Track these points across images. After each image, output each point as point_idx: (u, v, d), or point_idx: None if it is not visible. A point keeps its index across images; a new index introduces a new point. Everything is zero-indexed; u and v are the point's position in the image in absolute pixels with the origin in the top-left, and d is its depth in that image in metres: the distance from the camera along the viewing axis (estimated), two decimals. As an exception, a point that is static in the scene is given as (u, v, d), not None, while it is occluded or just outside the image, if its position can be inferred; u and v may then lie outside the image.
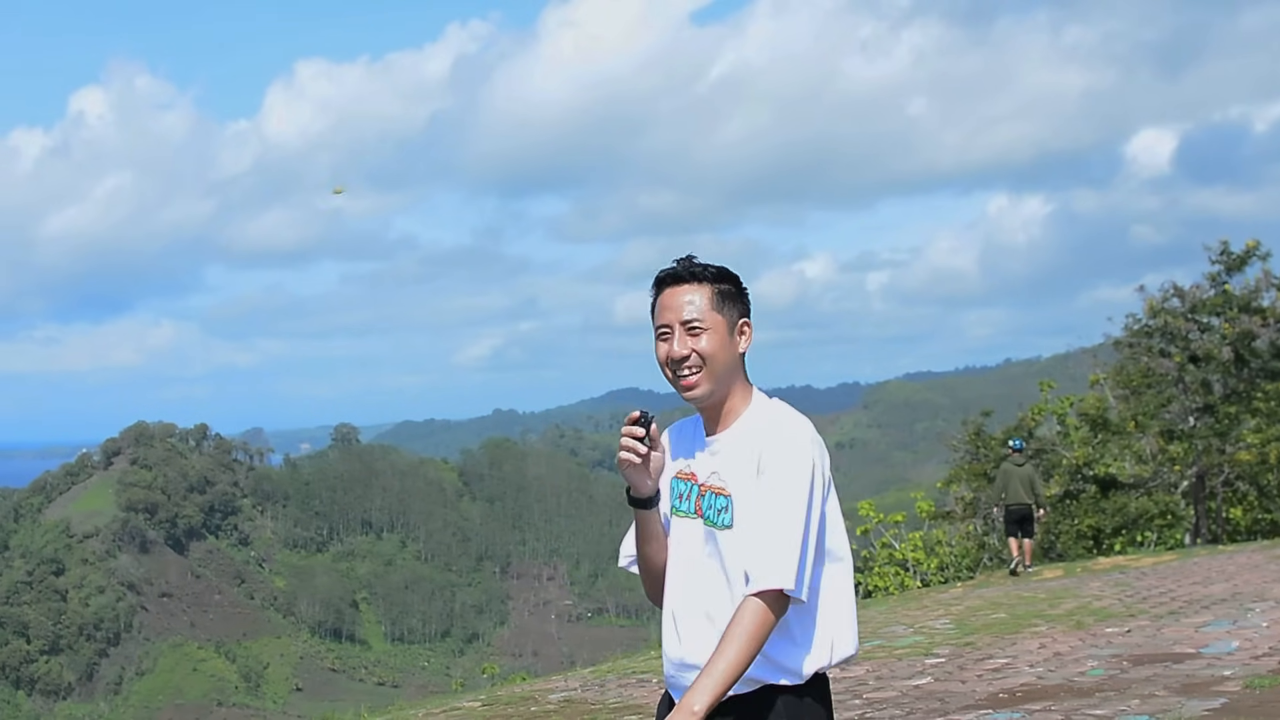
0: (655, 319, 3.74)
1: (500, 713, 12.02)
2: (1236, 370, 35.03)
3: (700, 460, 3.73)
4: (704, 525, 3.64)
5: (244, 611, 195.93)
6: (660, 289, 3.74)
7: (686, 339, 3.64)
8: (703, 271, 3.69)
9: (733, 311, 3.69)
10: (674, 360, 3.67)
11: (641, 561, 3.86)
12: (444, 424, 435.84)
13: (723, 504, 3.61)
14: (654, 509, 3.76)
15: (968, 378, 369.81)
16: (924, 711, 9.93)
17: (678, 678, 3.66)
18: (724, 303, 3.68)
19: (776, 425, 3.61)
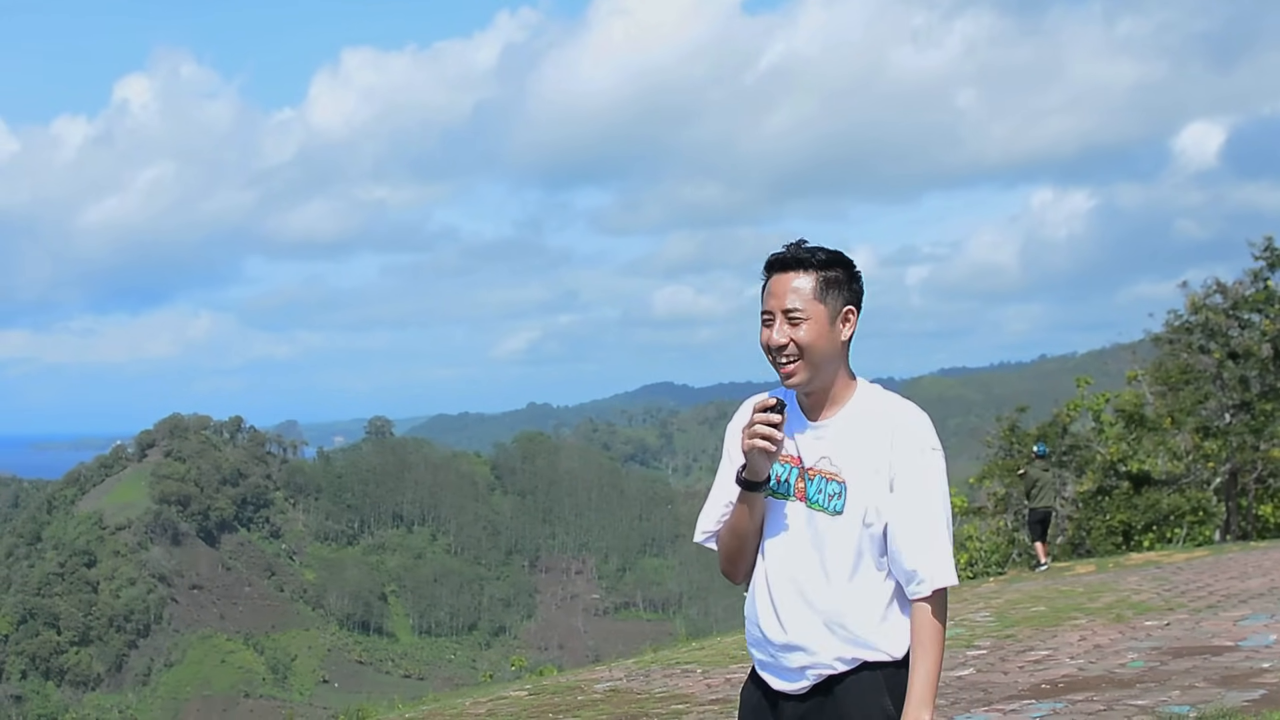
0: (762, 303, 3.74)
1: (547, 702, 12.18)
2: (1275, 367, 34.93)
3: (804, 444, 3.76)
4: (807, 509, 3.72)
5: (273, 604, 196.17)
6: (770, 274, 3.74)
7: (786, 327, 3.66)
8: (810, 258, 3.70)
9: (837, 300, 3.70)
10: (773, 348, 3.69)
11: (734, 541, 3.85)
12: (478, 417, 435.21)
13: (835, 489, 3.68)
14: (763, 492, 3.76)
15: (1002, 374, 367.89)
16: (968, 702, 10.08)
17: (779, 659, 3.76)
18: (828, 291, 3.69)
19: (901, 415, 3.71)
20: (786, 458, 3.76)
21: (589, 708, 11.53)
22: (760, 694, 3.86)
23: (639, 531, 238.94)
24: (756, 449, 3.62)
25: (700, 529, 3.96)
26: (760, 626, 3.80)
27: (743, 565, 3.88)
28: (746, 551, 3.85)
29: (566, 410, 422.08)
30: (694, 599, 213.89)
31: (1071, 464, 38.29)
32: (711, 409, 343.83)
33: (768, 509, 3.79)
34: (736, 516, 3.80)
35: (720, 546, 3.91)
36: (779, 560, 3.76)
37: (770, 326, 3.69)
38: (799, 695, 3.74)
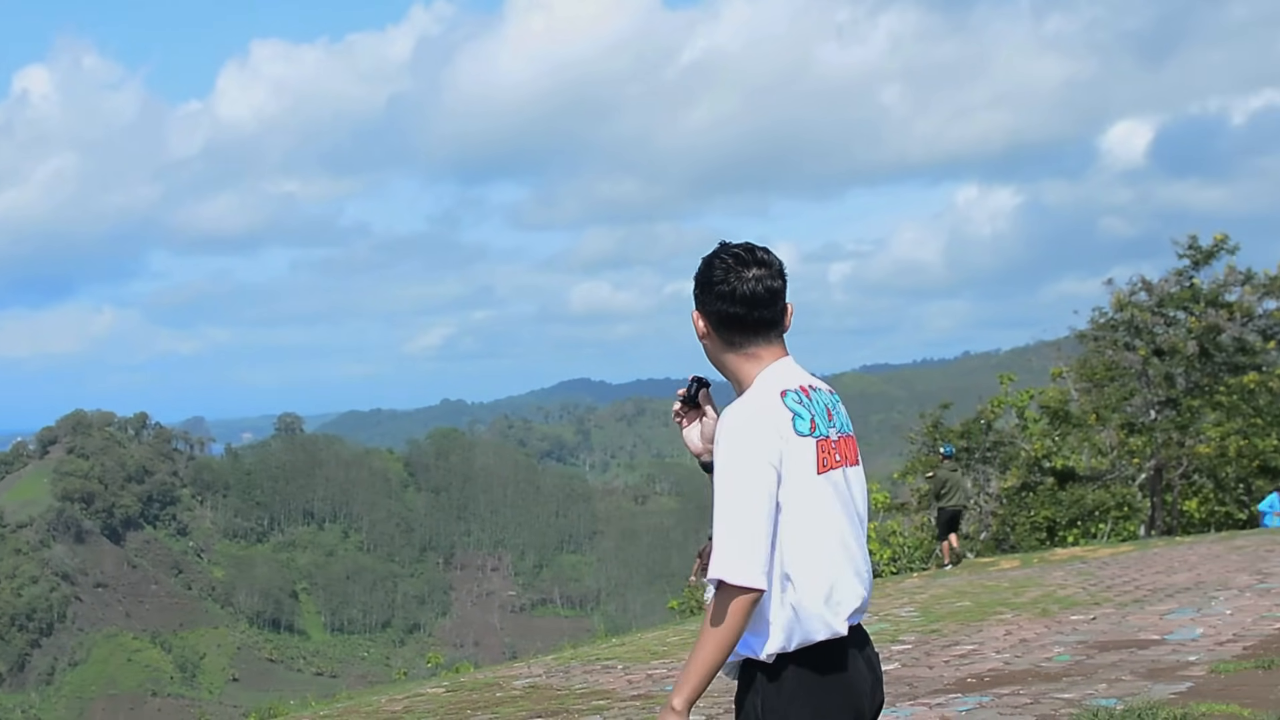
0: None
1: (465, 699, 11.97)
2: (1200, 364, 35.24)
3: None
4: None
5: (181, 602, 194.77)
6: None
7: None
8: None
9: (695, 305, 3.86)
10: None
11: None
12: (390, 414, 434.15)
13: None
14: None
15: (925, 370, 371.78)
16: (893, 696, 9.96)
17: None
18: (695, 299, 3.85)
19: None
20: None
21: (508, 704, 11.33)
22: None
23: (556, 528, 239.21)
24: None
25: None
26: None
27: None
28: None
29: (481, 407, 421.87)
30: (612, 595, 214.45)
31: (995, 460, 38.47)
32: (629, 405, 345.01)
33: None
34: None
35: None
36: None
37: None
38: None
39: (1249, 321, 35.40)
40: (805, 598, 3.61)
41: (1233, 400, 35.28)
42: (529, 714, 10.70)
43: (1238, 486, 36.35)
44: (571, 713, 10.55)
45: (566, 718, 10.35)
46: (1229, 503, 36.39)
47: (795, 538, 3.60)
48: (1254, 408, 35.25)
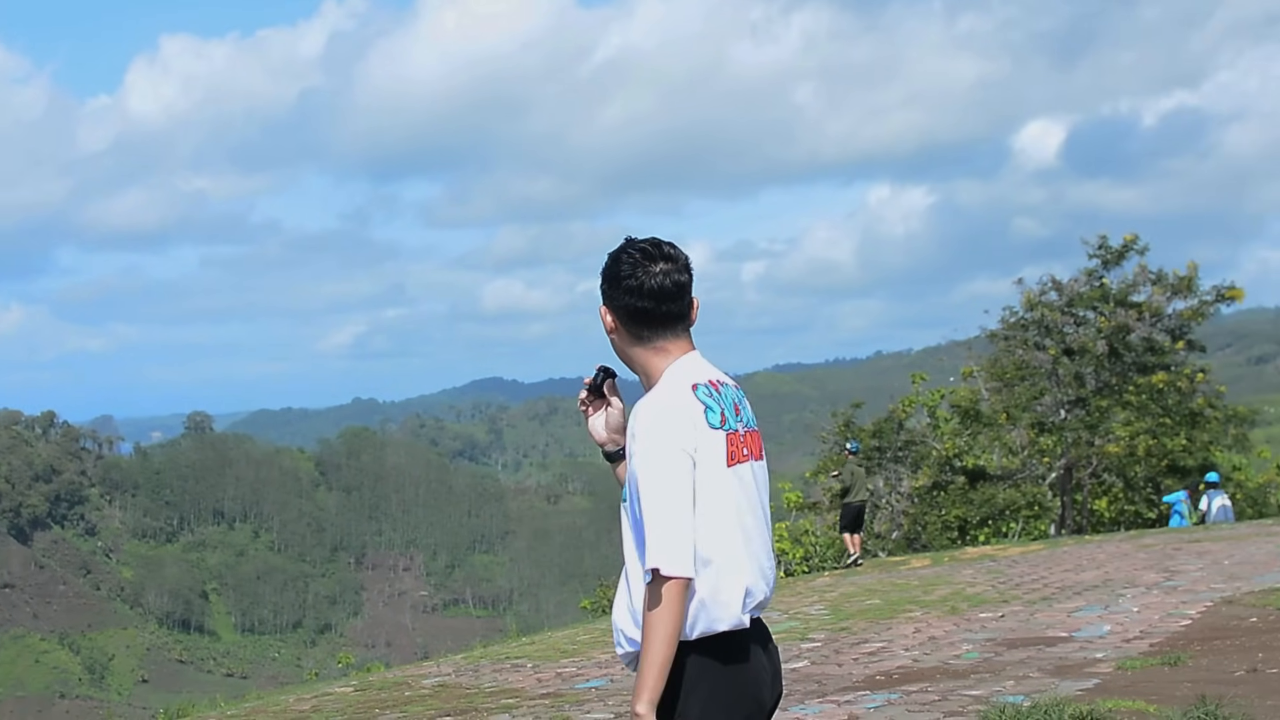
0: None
1: (374, 698, 11.86)
2: (1110, 364, 35.55)
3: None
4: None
5: (89, 602, 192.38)
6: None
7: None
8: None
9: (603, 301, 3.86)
10: None
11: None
12: (301, 413, 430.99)
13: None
14: (617, 464, 3.87)
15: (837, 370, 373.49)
16: (802, 693, 9.96)
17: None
18: (603, 294, 3.84)
19: (638, 405, 3.73)
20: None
21: (416, 703, 11.24)
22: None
23: (468, 528, 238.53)
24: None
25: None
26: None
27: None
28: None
29: (393, 405, 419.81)
30: (525, 595, 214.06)
31: (907, 460, 38.64)
32: (542, 404, 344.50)
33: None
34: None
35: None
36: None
37: None
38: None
39: (1158, 321, 35.77)
40: (711, 587, 3.59)
41: (1142, 400, 35.65)
42: (437, 713, 10.61)
43: (1147, 486, 36.76)
44: (480, 711, 10.48)
45: (475, 716, 10.27)
46: (1138, 502, 36.78)
47: (703, 528, 3.58)
48: (1163, 407, 35.65)
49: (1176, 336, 36.19)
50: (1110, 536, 25.74)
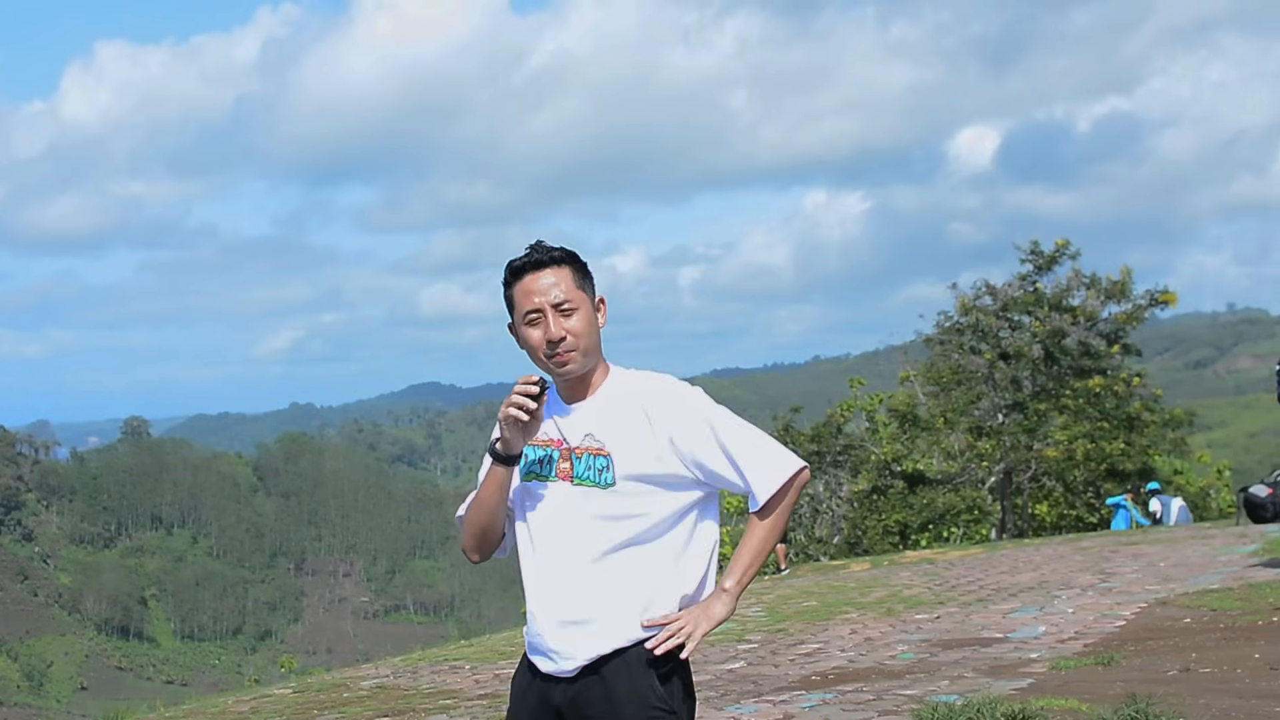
0: (519, 306, 3.76)
1: (313, 700, 11.86)
2: (1046, 368, 35.84)
3: (566, 426, 3.79)
4: (575, 486, 3.74)
5: (27, 609, 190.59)
6: (518, 277, 3.77)
7: (560, 320, 3.72)
8: (559, 254, 3.77)
9: (591, 289, 3.81)
10: (553, 341, 3.72)
11: (479, 516, 3.87)
12: (239, 417, 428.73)
13: (603, 464, 3.71)
14: (516, 468, 3.81)
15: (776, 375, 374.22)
16: (738, 693, 10.02)
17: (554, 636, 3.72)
18: (584, 281, 3.80)
19: (650, 386, 3.83)
20: (548, 441, 3.82)
21: (355, 704, 11.25)
22: (531, 678, 3.84)
23: (408, 533, 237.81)
24: (511, 419, 3.66)
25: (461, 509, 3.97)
26: (533, 611, 3.80)
27: (486, 544, 3.93)
28: (491, 529, 3.89)
29: (331, 410, 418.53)
30: (466, 601, 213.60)
31: (846, 464, 38.80)
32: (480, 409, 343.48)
33: (531, 493, 3.83)
34: (484, 491, 3.83)
35: (467, 524, 3.93)
36: (552, 542, 3.77)
37: (540, 325, 3.74)
38: (569, 678, 3.71)
39: (1093, 325, 36.10)
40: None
41: (1079, 404, 35.95)
42: (375, 713, 10.62)
43: (1087, 490, 37.03)
44: (418, 712, 10.50)
45: (412, 716, 10.29)
46: (1079, 506, 37.05)
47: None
48: (1100, 411, 35.96)
49: (1112, 340, 36.53)
50: (1049, 540, 25.93)
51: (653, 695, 3.63)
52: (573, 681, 3.69)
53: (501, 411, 3.68)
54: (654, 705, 3.63)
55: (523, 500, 3.83)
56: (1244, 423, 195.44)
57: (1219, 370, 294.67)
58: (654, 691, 3.63)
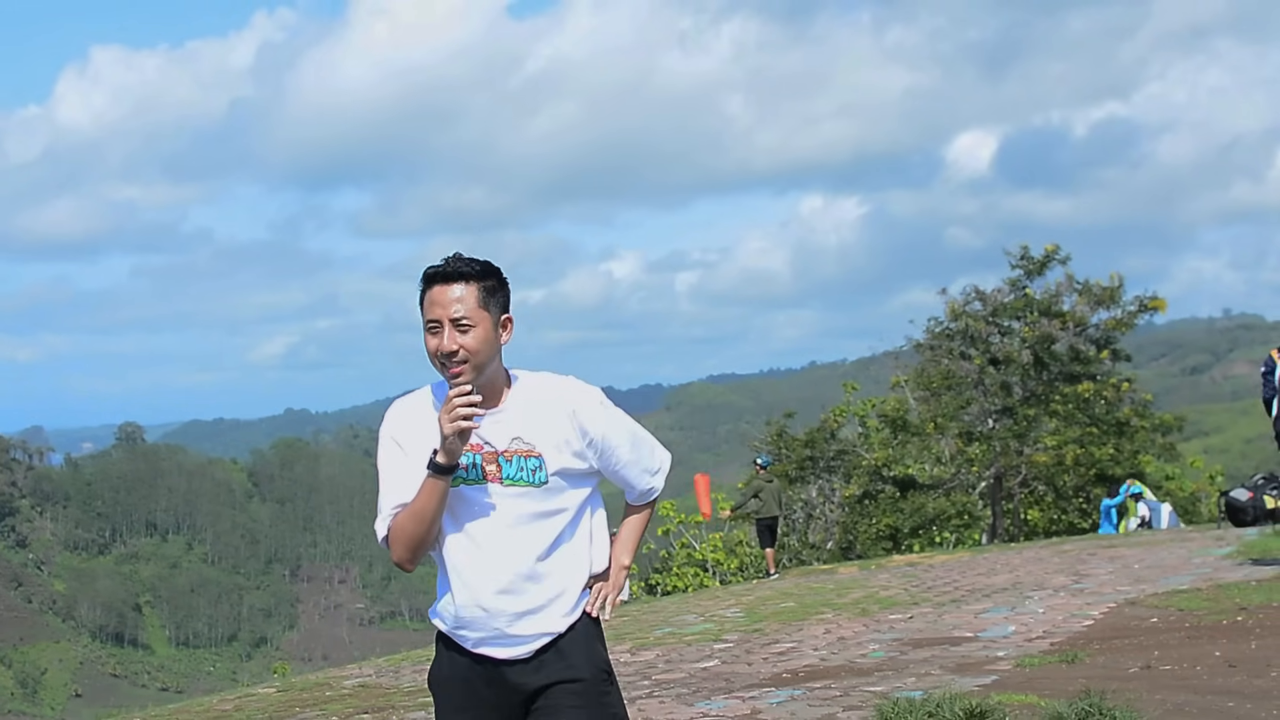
0: (425, 313, 3.97)
1: (296, 699, 12.03)
2: (1036, 373, 35.83)
3: (489, 432, 4.00)
4: (506, 487, 3.99)
5: (21, 615, 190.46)
6: (430, 284, 3.97)
7: (455, 335, 3.91)
8: (470, 270, 3.96)
9: (497, 308, 3.99)
10: (444, 354, 3.93)
11: (420, 528, 3.97)
12: (234, 423, 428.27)
13: (535, 464, 3.99)
14: (449, 477, 3.96)
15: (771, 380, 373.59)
16: (709, 690, 10.21)
17: (507, 631, 4.00)
18: (490, 299, 3.96)
19: (571, 390, 4.11)
20: (470, 447, 3.98)
21: (337, 702, 11.43)
22: (471, 666, 4.09)
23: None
24: (461, 429, 3.83)
25: (384, 529, 4.07)
26: (483, 606, 3.99)
27: (422, 553, 4.06)
28: (428, 538, 4.01)
29: (326, 416, 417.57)
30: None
31: (840, 469, 38.88)
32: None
33: (463, 497, 4.01)
34: (424, 503, 3.94)
35: (400, 536, 4.01)
36: (493, 540, 3.99)
37: (438, 335, 3.94)
38: (524, 659, 4.02)
39: (1082, 331, 36.16)
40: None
41: (1068, 409, 36.01)
42: (356, 710, 10.81)
43: (1077, 495, 37.11)
44: (398, 709, 10.69)
45: (392, 713, 10.48)
46: (1071, 511, 37.13)
47: None
48: (1090, 416, 36.05)
49: (1102, 346, 36.59)
50: (1032, 543, 26.10)
51: (602, 660, 4.09)
52: (528, 661, 4.01)
53: (449, 425, 3.83)
54: (603, 669, 4.08)
55: (454, 504, 4.01)
56: (1240, 428, 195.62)
57: (1215, 376, 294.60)
58: (602, 657, 4.10)
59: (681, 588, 33.18)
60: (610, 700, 4.08)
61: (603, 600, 4.13)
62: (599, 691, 4.04)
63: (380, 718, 10.36)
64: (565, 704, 3.99)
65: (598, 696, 4.04)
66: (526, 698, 4.03)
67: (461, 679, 4.09)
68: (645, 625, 15.69)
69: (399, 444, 4.07)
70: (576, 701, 4.00)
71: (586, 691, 4.01)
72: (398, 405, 4.22)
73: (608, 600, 4.15)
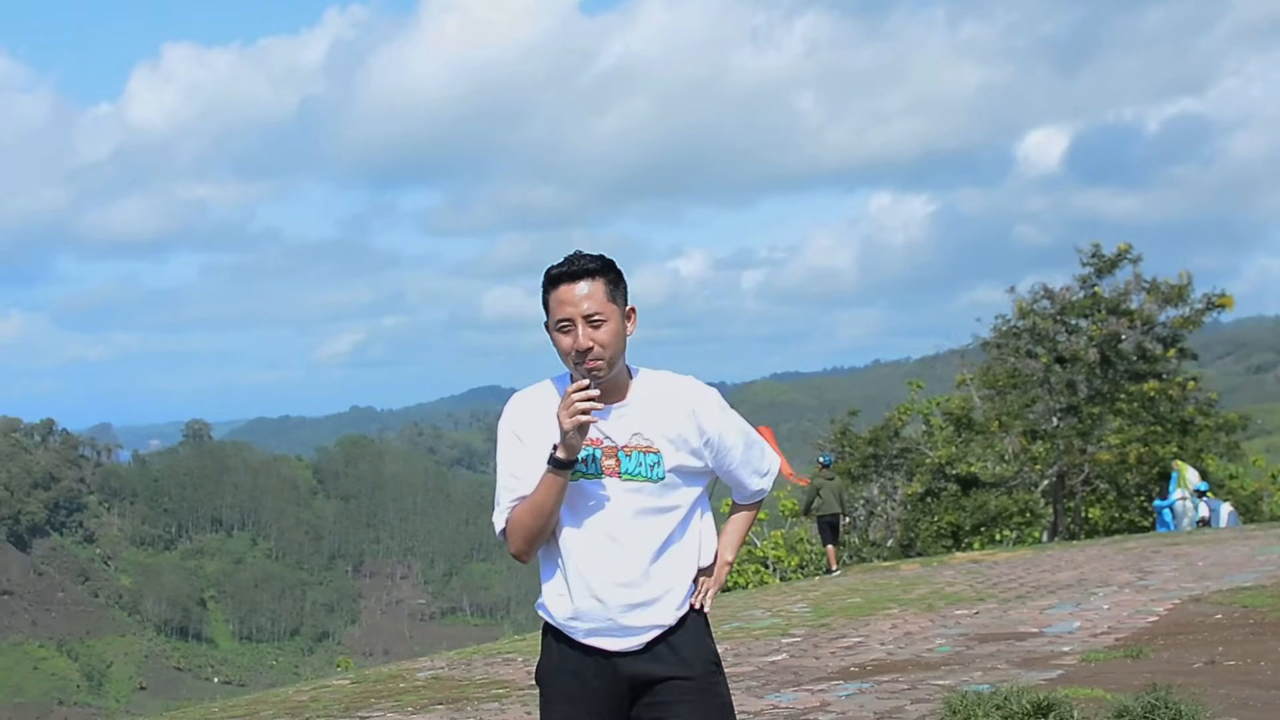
0: (553, 313, 4.05)
1: (370, 689, 12.23)
2: (1102, 371, 35.62)
3: (607, 428, 4.09)
4: (624, 481, 4.08)
5: (88, 610, 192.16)
6: (555, 285, 4.05)
7: (589, 331, 3.99)
8: (593, 265, 4.04)
9: (622, 300, 4.08)
10: (580, 351, 4.00)
11: (538, 521, 4.09)
12: (299, 421, 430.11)
13: (653, 460, 4.08)
14: (569, 472, 4.06)
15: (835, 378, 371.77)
16: (778, 683, 10.35)
17: (619, 622, 4.10)
18: (615, 292, 4.05)
19: (692, 391, 4.20)
20: (589, 441, 4.08)
21: (411, 693, 11.61)
22: (582, 658, 4.17)
23: (466, 536, 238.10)
24: (579, 425, 3.93)
25: (502, 522, 4.21)
26: (598, 598, 4.09)
27: (539, 544, 4.17)
28: (546, 531, 4.13)
29: (391, 414, 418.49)
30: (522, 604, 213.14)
31: (902, 467, 38.83)
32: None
33: (581, 490, 4.11)
34: (543, 497, 4.06)
35: (518, 529, 4.15)
36: (605, 533, 4.10)
37: (570, 333, 4.02)
38: (635, 651, 4.12)
39: (1150, 329, 35.94)
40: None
41: (1133, 408, 35.81)
42: (430, 701, 10.99)
43: (1139, 494, 36.92)
44: (471, 700, 10.86)
45: (466, 705, 10.65)
46: (1132, 510, 36.94)
47: None
48: (1154, 415, 35.83)
49: (1169, 344, 36.38)
50: (1095, 541, 26.04)
51: (710, 652, 4.19)
52: (640, 653, 4.13)
53: (568, 420, 3.93)
54: (712, 661, 4.18)
55: (571, 496, 4.11)
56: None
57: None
58: (710, 649, 4.20)
59: (743, 584, 33.25)
60: (719, 690, 4.17)
61: (704, 593, 4.22)
62: (709, 683, 4.14)
63: (454, 709, 10.51)
64: (676, 698, 4.10)
65: (708, 688, 4.13)
66: (635, 689, 4.13)
67: (572, 670, 4.18)
68: (713, 620, 15.71)
69: (519, 437, 4.17)
70: (688, 695, 4.10)
71: (697, 684, 4.11)
72: (518, 398, 4.26)
73: (708, 594, 4.24)
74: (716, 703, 4.16)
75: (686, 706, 4.09)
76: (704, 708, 4.12)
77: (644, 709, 4.12)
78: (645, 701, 4.12)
